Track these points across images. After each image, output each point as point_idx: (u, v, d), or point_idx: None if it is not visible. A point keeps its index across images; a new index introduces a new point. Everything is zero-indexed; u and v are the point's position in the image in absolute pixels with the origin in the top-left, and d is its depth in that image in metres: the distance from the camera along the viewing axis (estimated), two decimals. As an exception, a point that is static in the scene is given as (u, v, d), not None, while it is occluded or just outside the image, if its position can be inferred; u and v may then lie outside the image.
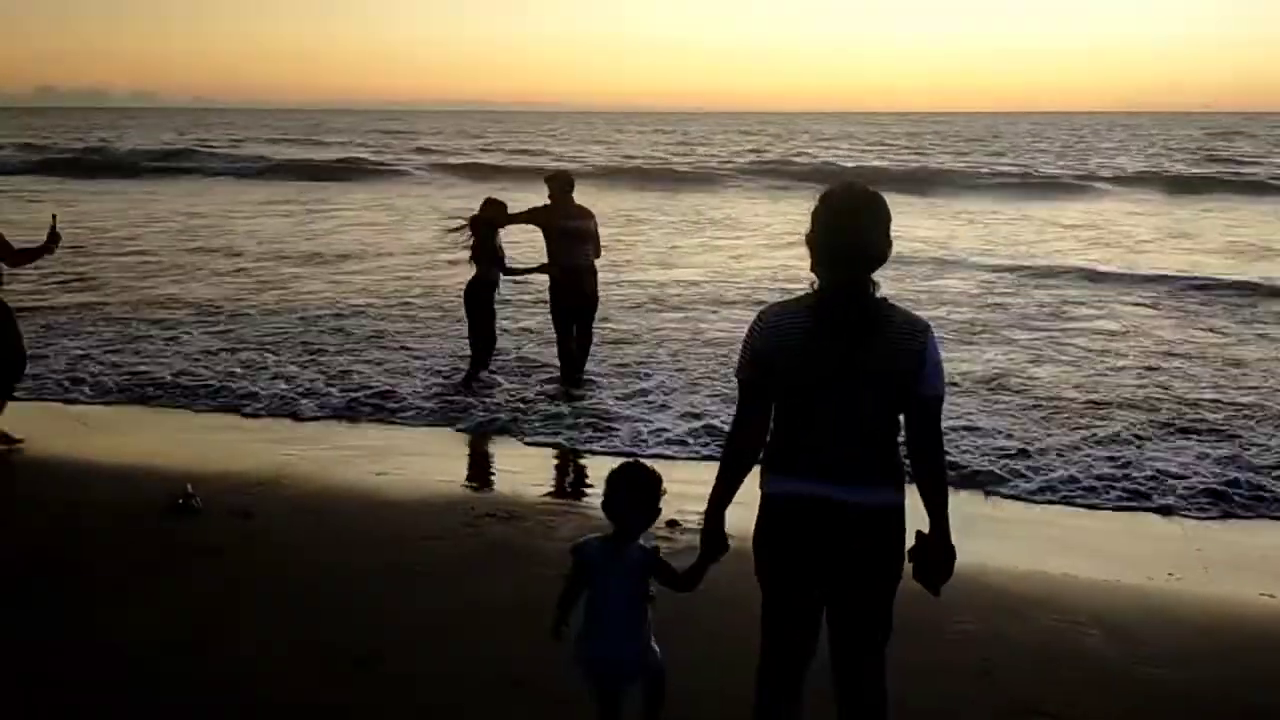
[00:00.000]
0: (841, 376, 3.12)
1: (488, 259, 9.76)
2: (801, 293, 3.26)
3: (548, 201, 9.77)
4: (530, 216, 9.74)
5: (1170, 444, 8.24)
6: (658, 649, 3.55)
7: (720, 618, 4.62)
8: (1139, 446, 8.16)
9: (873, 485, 3.18)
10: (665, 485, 3.54)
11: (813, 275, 3.23)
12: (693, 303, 14.48)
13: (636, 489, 3.48)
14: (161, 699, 4.31)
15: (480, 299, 9.85)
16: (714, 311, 13.86)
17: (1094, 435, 8.43)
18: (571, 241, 9.58)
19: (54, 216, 7.97)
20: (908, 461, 3.27)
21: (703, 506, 3.38)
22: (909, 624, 3.46)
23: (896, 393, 3.16)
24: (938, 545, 3.26)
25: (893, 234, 3.21)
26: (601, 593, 3.48)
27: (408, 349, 11.51)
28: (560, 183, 9.79)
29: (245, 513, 6.45)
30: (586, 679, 3.56)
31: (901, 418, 3.23)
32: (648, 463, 3.66)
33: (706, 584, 3.50)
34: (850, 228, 3.14)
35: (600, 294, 9.99)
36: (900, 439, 3.25)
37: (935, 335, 3.23)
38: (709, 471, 3.47)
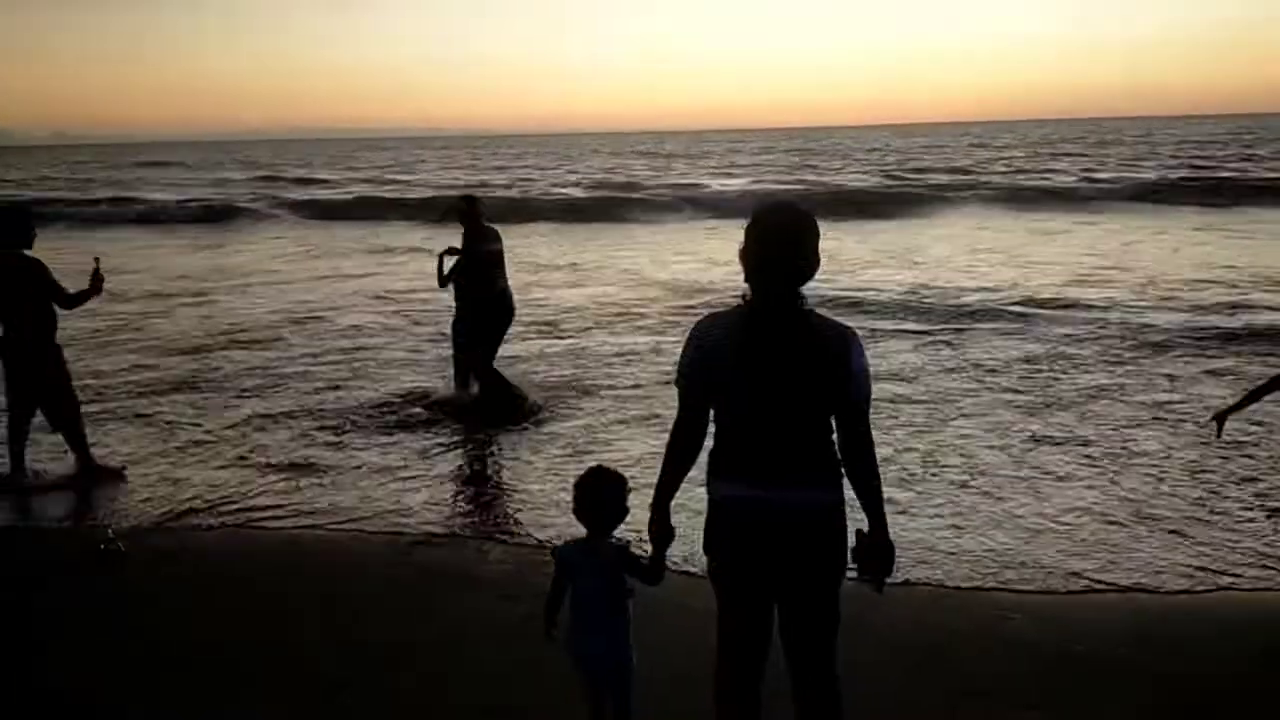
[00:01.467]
0: (774, 383, 3.30)
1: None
2: (735, 304, 3.43)
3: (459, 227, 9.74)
4: (466, 250, 9.63)
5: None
6: (633, 646, 3.74)
7: (679, 613, 4.76)
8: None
9: (809, 485, 3.35)
10: (630, 485, 3.76)
11: (745, 287, 3.40)
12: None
13: (602, 491, 3.70)
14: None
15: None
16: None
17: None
18: (495, 265, 9.64)
19: (96, 260, 7.84)
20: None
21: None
22: (851, 619, 3.62)
23: (826, 396, 3.33)
24: (877, 542, 3.44)
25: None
26: (581, 590, 3.70)
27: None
28: (477, 206, 9.79)
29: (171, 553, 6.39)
30: (577, 672, 3.77)
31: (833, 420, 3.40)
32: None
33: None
34: (782, 243, 3.33)
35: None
36: (833, 439, 3.41)
37: (860, 342, 3.40)
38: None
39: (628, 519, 3.74)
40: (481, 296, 9.65)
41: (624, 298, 16.38)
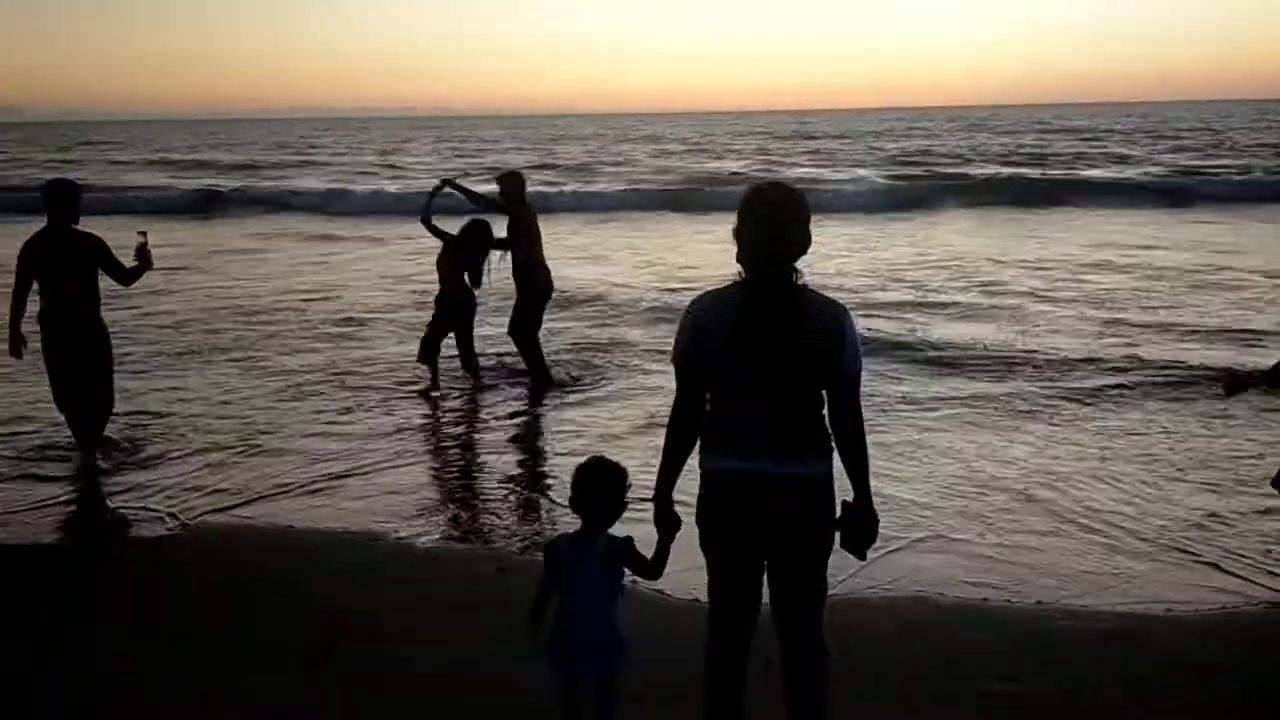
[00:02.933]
0: (769, 358, 3.41)
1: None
2: (730, 282, 3.54)
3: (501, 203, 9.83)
4: (517, 233, 9.71)
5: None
6: (627, 642, 3.67)
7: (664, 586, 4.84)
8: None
9: (801, 459, 3.47)
10: (630, 480, 3.68)
11: (739, 266, 3.53)
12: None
13: (601, 483, 3.60)
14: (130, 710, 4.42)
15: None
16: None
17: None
18: (537, 242, 9.77)
19: (144, 234, 7.77)
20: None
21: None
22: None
23: (819, 371, 3.45)
24: (862, 513, 3.57)
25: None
26: (574, 585, 3.59)
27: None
28: (520, 182, 9.90)
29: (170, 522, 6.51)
30: (557, 674, 3.66)
31: (825, 394, 3.53)
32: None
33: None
34: (776, 221, 3.46)
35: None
36: (824, 414, 3.54)
37: (852, 318, 3.52)
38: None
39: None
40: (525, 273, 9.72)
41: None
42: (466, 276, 9.74)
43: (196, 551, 6.18)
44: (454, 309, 9.75)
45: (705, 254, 18.79)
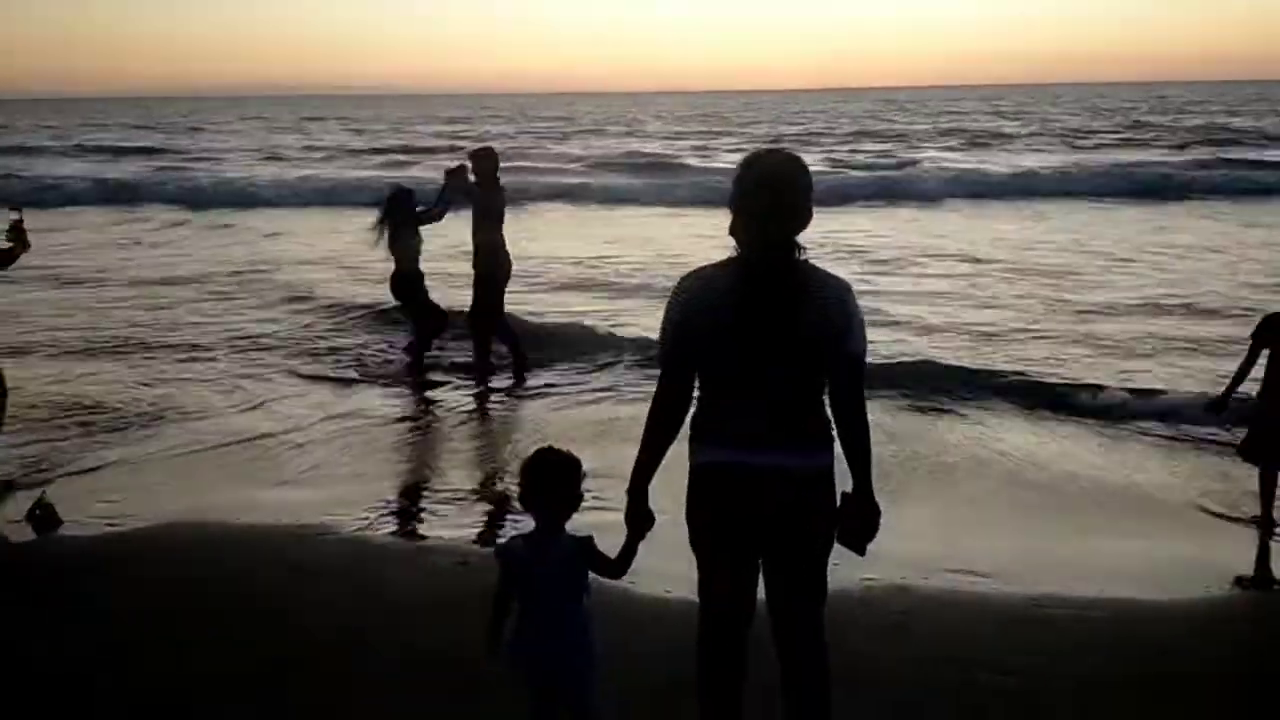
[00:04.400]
0: (768, 341, 3.12)
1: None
2: (724, 257, 3.24)
3: (473, 180, 9.54)
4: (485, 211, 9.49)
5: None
6: (595, 644, 3.39)
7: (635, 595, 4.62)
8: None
9: (801, 449, 3.20)
10: (585, 469, 3.37)
11: (731, 240, 3.23)
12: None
13: (552, 476, 3.28)
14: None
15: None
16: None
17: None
18: (499, 222, 9.53)
19: (19, 210, 6.86)
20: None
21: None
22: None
23: (823, 354, 3.17)
24: (862, 505, 3.30)
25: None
26: (533, 591, 3.30)
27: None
28: (493, 161, 9.64)
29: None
30: (530, 690, 3.39)
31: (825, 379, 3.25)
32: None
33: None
34: (777, 191, 3.15)
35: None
36: (824, 400, 3.28)
37: (856, 295, 3.25)
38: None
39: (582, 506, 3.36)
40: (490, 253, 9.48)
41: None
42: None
43: (138, 555, 5.76)
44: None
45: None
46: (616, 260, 16.03)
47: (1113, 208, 23.24)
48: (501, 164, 9.82)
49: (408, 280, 9.55)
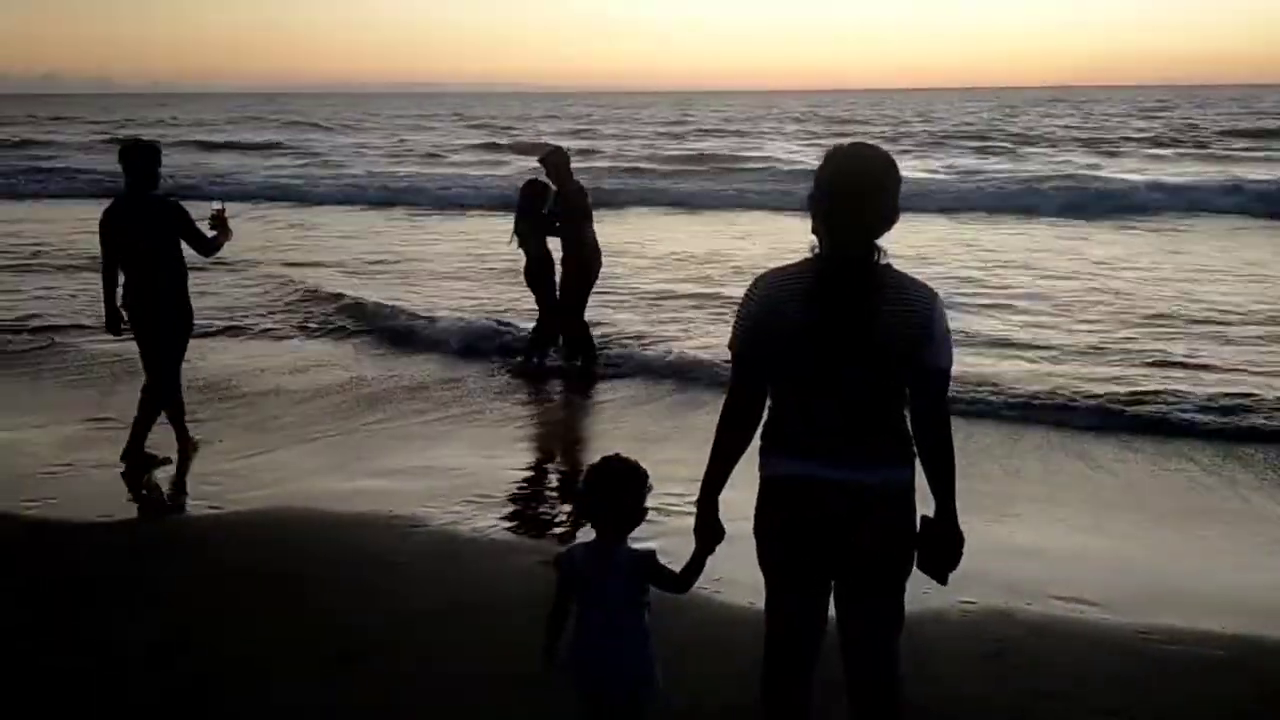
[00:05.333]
0: (845, 348, 2.92)
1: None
2: (801, 258, 3.04)
3: (547, 182, 9.58)
4: (565, 212, 9.48)
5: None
6: (657, 662, 3.25)
7: (715, 605, 4.44)
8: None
9: (879, 464, 2.99)
10: (651, 480, 3.23)
11: (813, 239, 3.03)
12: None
13: (616, 485, 3.16)
14: (145, 698, 4.14)
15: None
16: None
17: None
18: (587, 219, 9.51)
19: (221, 203, 7.44)
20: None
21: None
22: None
23: (903, 365, 2.95)
24: (945, 530, 3.07)
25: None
26: (591, 601, 3.17)
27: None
28: (563, 158, 9.60)
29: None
30: (580, 697, 3.27)
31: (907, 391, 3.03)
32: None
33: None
34: (858, 189, 2.94)
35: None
36: (906, 414, 3.06)
37: (943, 303, 3.01)
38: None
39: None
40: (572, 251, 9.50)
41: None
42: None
43: (233, 535, 5.88)
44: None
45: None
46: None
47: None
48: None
49: (539, 269, 9.58)
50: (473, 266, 15.22)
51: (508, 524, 6.12)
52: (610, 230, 12.10)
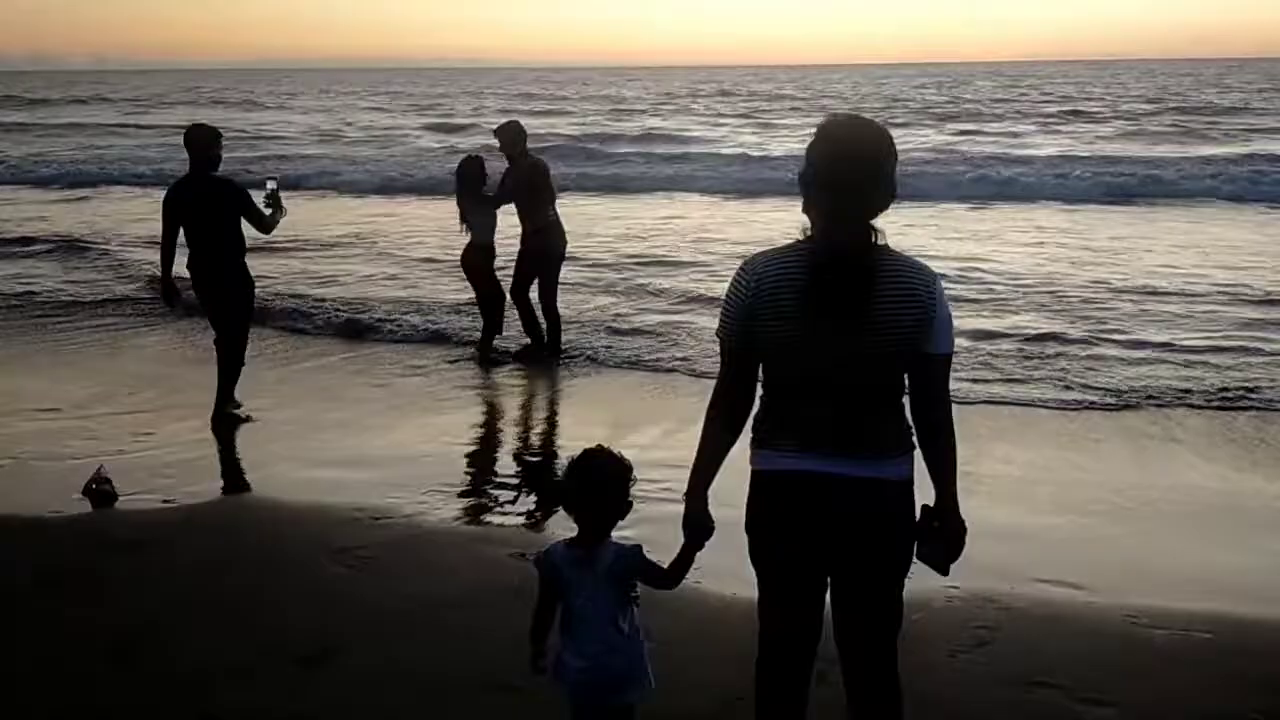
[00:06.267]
0: (840, 334, 2.77)
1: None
2: (792, 240, 2.88)
3: (483, 159, 9.31)
4: (514, 186, 9.10)
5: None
6: (649, 665, 3.11)
7: (707, 601, 4.34)
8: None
9: (877, 457, 2.85)
10: (636, 473, 3.07)
11: (804, 219, 2.87)
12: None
13: (601, 480, 3.00)
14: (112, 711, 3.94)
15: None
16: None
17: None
18: (542, 195, 9.09)
19: (275, 181, 7.85)
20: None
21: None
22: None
23: (902, 351, 2.81)
24: (947, 520, 2.95)
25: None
26: (576, 606, 3.01)
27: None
28: (515, 133, 9.19)
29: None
30: (569, 703, 3.12)
31: (906, 379, 2.90)
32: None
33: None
34: (853, 165, 2.77)
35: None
36: (904, 402, 2.92)
37: (943, 286, 2.87)
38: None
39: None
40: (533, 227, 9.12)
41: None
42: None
43: (190, 529, 5.64)
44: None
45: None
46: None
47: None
48: None
49: (478, 253, 9.20)
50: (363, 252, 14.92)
51: (476, 514, 5.97)
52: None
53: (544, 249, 9.15)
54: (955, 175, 22.12)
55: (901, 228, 13.73)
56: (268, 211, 7.46)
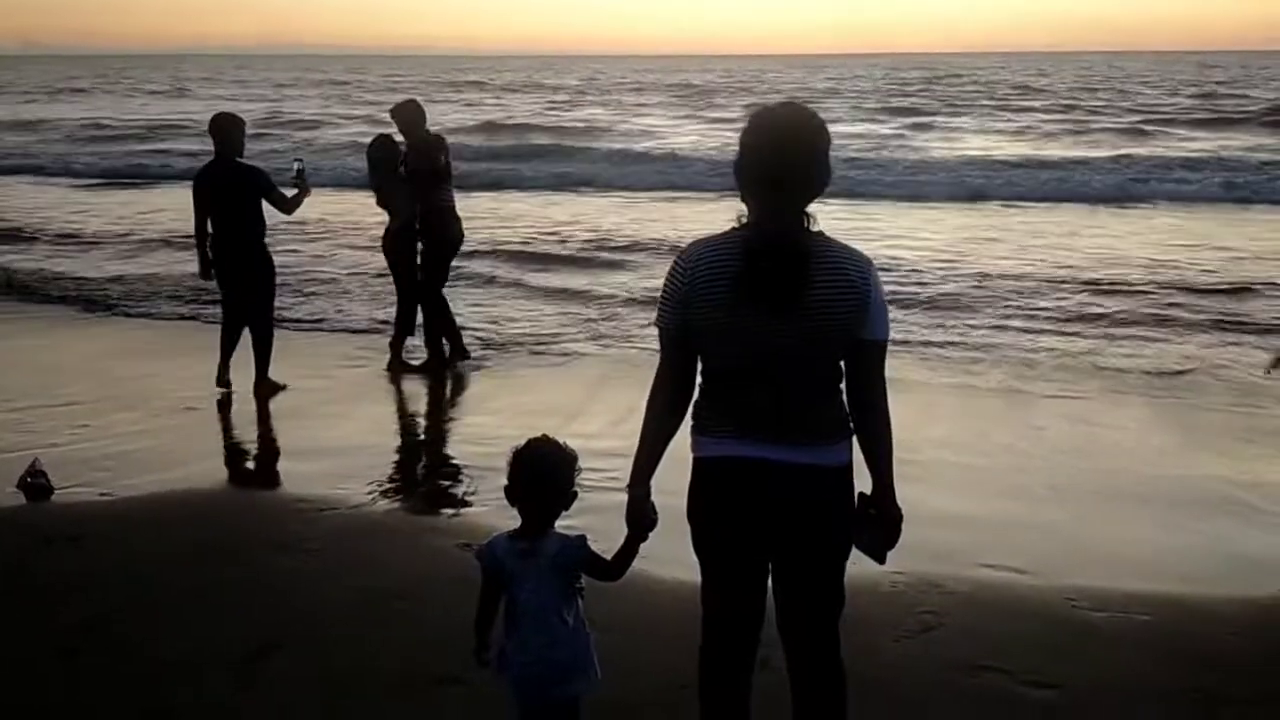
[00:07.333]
0: (776, 321, 2.76)
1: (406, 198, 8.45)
2: (728, 228, 2.87)
3: (395, 137, 8.64)
4: (412, 168, 8.44)
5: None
6: (595, 656, 3.08)
7: (647, 589, 4.33)
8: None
9: (814, 443, 2.86)
10: (580, 462, 3.04)
11: (741, 208, 2.86)
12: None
13: (544, 470, 2.96)
14: (49, 710, 3.86)
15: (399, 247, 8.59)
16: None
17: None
18: (437, 177, 8.42)
19: (300, 162, 8.15)
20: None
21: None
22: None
23: (837, 337, 2.81)
24: (883, 508, 2.97)
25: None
26: (520, 598, 2.97)
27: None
28: (413, 112, 8.58)
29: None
30: (514, 695, 3.09)
31: (843, 365, 2.90)
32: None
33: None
34: (785, 151, 2.77)
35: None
36: (842, 388, 2.93)
37: (878, 272, 2.87)
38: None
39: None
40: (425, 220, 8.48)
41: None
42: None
43: (129, 523, 5.53)
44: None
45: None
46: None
47: None
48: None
49: (401, 237, 8.56)
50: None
51: (418, 504, 5.92)
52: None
53: (444, 238, 8.57)
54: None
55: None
56: (291, 192, 7.77)
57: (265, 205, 7.67)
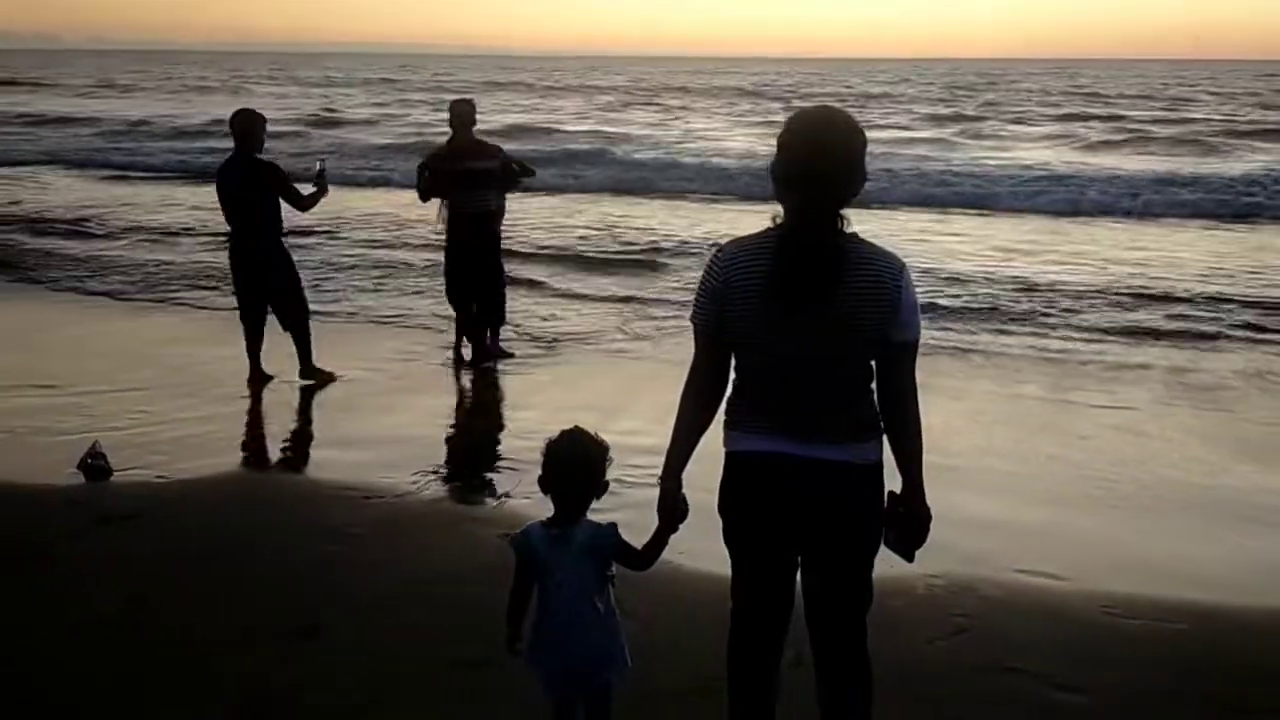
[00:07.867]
0: (808, 321, 2.82)
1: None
2: (763, 227, 2.93)
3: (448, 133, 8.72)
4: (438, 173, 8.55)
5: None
6: (625, 644, 3.16)
7: (681, 582, 4.38)
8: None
9: (846, 441, 2.91)
10: (612, 453, 3.13)
11: (777, 208, 2.92)
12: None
13: (576, 460, 3.05)
14: (98, 676, 4.00)
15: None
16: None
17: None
18: (473, 184, 8.47)
19: (322, 161, 8.38)
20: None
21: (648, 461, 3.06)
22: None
23: (869, 338, 2.86)
24: (912, 507, 3.00)
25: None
26: (552, 585, 3.04)
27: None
28: (461, 112, 8.58)
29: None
30: (544, 685, 3.17)
31: (874, 365, 2.95)
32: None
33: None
34: (821, 154, 2.82)
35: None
36: (873, 388, 2.98)
37: (910, 273, 2.92)
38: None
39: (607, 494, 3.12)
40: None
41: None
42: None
43: (182, 505, 5.70)
44: None
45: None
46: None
47: None
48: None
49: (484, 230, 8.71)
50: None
51: (462, 494, 6.04)
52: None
53: (455, 235, 8.68)
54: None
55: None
56: (311, 189, 7.86)
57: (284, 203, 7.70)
